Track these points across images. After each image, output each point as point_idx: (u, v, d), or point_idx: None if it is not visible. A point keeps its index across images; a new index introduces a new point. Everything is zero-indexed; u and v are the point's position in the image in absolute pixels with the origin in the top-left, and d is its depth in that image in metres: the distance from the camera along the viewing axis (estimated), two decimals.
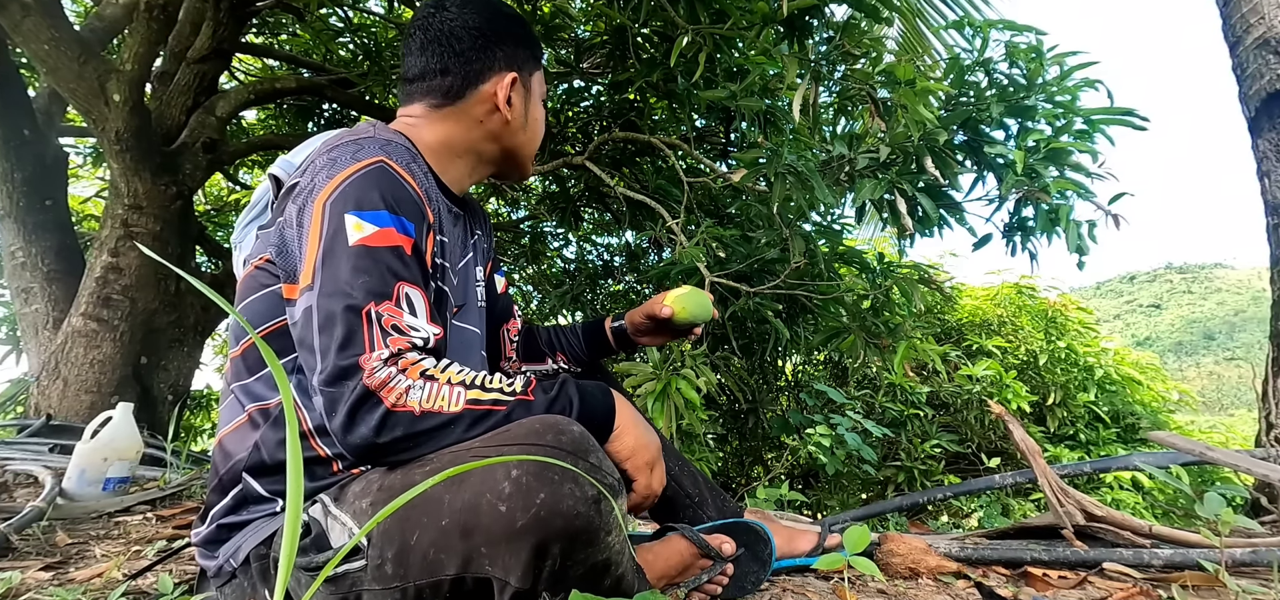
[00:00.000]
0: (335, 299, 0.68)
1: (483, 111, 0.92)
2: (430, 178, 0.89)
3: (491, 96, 0.92)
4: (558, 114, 2.98)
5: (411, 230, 0.75)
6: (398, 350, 0.68)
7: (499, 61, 0.92)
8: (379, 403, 0.66)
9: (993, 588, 1.03)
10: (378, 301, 0.69)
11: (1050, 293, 4.43)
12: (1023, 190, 1.84)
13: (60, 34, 2.14)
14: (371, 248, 0.71)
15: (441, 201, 0.89)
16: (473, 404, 0.69)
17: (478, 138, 0.93)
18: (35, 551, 1.13)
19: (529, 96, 0.97)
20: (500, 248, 4.18)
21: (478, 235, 1.05)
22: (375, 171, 0.75)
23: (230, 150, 2.97)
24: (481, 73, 0.91)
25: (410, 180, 0.78)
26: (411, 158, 0.85)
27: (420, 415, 0.67)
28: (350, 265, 0.69)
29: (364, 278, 0.69)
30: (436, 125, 0.92)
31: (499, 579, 0.61)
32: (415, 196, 0.77)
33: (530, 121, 0.98)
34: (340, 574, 0.66)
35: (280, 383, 0.37)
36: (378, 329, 0.68)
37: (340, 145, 0.79)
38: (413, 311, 0.71)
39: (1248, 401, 20.77)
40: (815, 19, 1.81)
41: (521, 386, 0.72)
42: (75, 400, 2.36)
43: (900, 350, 2.20)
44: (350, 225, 0.71)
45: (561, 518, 0.59)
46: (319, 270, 0.70)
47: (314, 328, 0.69)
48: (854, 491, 3.23)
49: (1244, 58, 1.86)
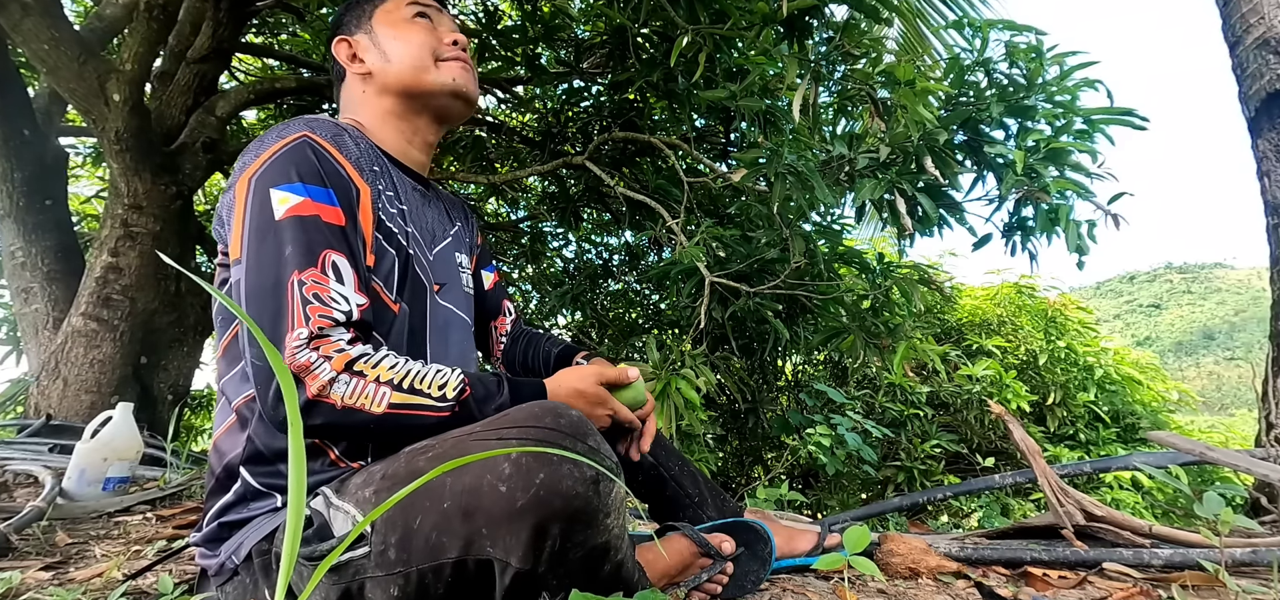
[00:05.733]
0: (262, 273, 0.71)
1: (356, 84, 0.98)
2: (370, 148, 0.91)
3: (346, 66, 0.98)
4: (558, 114, 2.98)
5: (335, 200, 0.77)
6: (319, 329, 0.69)
7: (339, 35, 0.99)
8: (302, 387, 0.67)
9: (993, 588, 1.03)
10: (301, 269, 0.71)
11: (1050, 292, 4.43)
12: (1023, 190, 1.84)
13: (60, 34, 2.14)
14: (296, 218, 0.73)
15: (392, 173, 0.92)
16: (394, 409, 0.70)
17: (372, 102, 0.97)
18: (35, 551, 1.13)
19: (375, 38, 0.97)
20: (500, 248, 4.18)
21: (459, 225, 1.06)
22: (297, 146, 0.78)
23: (230, 150, 2.97)
24: (334, 56, 0.99)
25: (334, 151, 0.80)
26: (340, 130, 0.86)
27: (341, 410, 0.69)
28: (275, 238, 0.72)
29: (288, 248, 0.71)
30: (351, 109, 0.98)
31: (500, 560, 0.62)
32: (338, 167, 0.80)
33: (391, 54, 0.95)
34: (343, 563, 0.66)
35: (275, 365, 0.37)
36: (299, 300, 0.69)
37: (271, 128, 0.83)
38: (339, 279, 0.73)
39: (1248, 401, 20.77)
40: (815, 19, 1.81)
41: (454, 394, 0.73)
42: (75, 400, 2.36)
43: (900, 350, 2.20)
44: (275, 199, 0.74)
45: (561, 497, 0.60)
46: (247, 245, 0.73)
47: (244, 304, 0.71)
48: (854, 491, 3.23)
49: (1244, 58, 1.86)
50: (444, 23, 1.01)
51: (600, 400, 0.86)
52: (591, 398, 0.85)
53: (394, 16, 0.97)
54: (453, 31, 1.00)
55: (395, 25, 0.97)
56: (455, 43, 0.98)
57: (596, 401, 0.86)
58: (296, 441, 0.36)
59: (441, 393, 0.73)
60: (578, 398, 0.84)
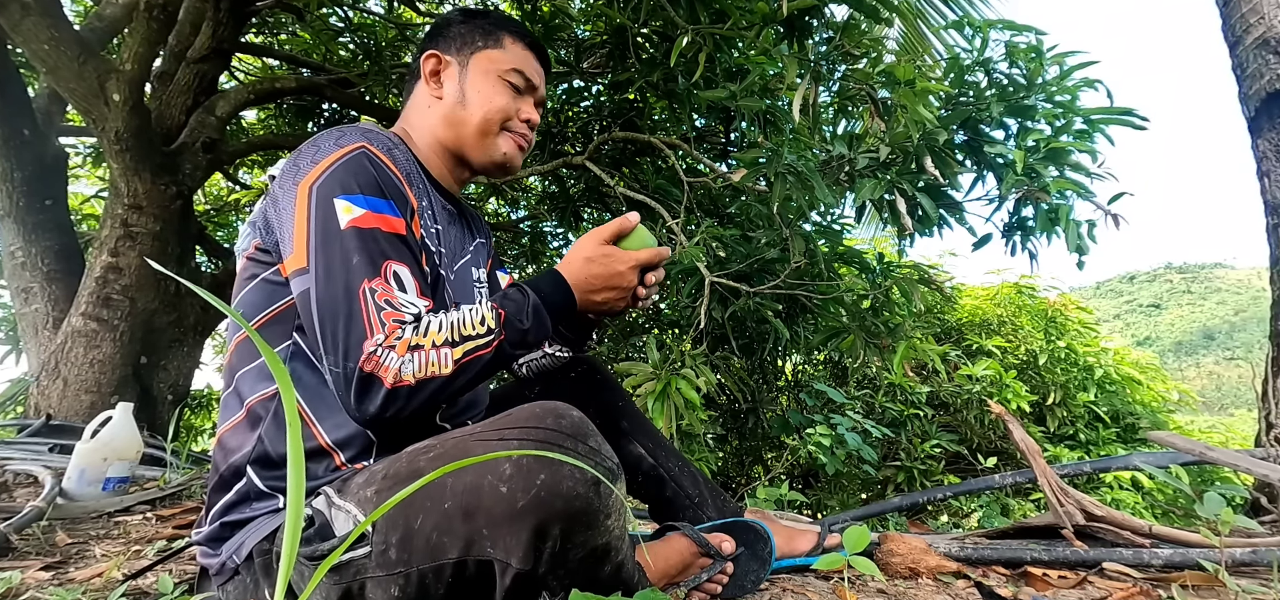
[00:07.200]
0: (334, 285, 0.72)
1: (424, 97, 0.97)
2: (415, 165, 0.92)
3: (425, 79, 0.97)
4: (558, 114, 2.98)
5: (396, 211, 0.78)
6: (394, 334, 0.72)
7: (435, 47, 0.97)
8: (379, 384, 0.70)
9: (993, 588, 1.03)
10: (370, 279, 0.73)
11: (1050, 292, 4.43)
12: (1023, 190, 1.84)
13: (60, 34, 2.14)
14: (361, 230, 0.75)
15: (431, 193, 0.93)
16: (459, 362, 0.74)
17: (431, 124, 0.96)
18: (35, 551, 1.13)
19: (465, 74, 0.96)
20: (500, 247, 4.18)
21: (478, 241, 1.07)
22: (359, 155, 0.79)
23: (230, 150, 2.98)
24: (421, 60, 0.97)
25: (390, 164, 0.82)
26: (392, 144, 0.88)
27: (417, 385, 0.71)
28: (341, 249, 0.73)
29: (356, 258, 0.73)
30: (407, 118, 0.99)
31: (500, 561, 0.62)
32: (396, 180, 0.81)
33: (469, 100, 0.95)
34: (344, 563, 0.66)
35: (277, 374, 0.37)
36: (373, 308, 0.72)
37: (324, 133, 0.83)
38: (402, 288, 0.75)
39: (1247, 401, 20.75)
40: (815, 19, 1.81)
41: (495, 320, 0.77)
42: (75, 400, 2.36)
43: (900, 350, 2.20)
44: (340, 209, 0.75)
45: (561, 498, 0.60)
46: (315, 255, 0.74)
47: (315, 316, 0.73)
48: (854, 491, 3.23)
49: (1244, 58, 1.86)
50: (530, 98, 1.00)
51: (608, 255, 0.85)
52: (600, 259, 0.85)
53: (491, 70, 0.96)
54: (532, 110, 1.00)
55: (488, 77, 0.95)
56: (528, 121, 0.99)
57: (608, 260, 0.85)
58: (295, 441, 0.36)
59: (486, 326, 0.76)
60: (588, 265, 0.85)
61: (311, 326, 0.74)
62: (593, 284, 0.85)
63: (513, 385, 1.17)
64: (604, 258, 0.85)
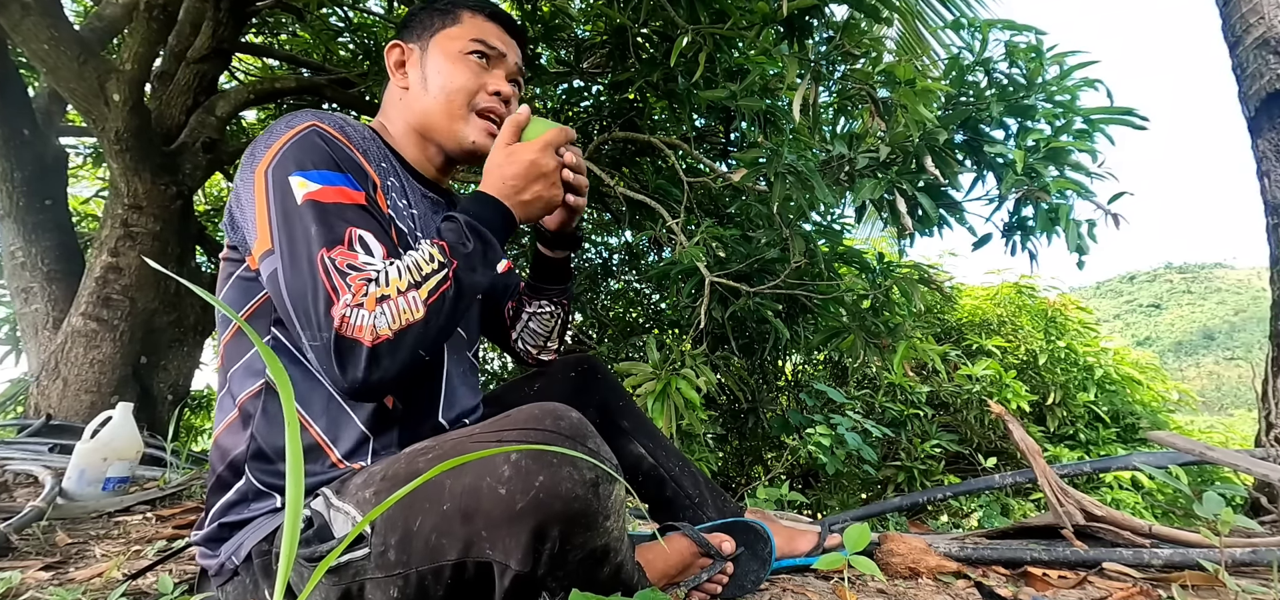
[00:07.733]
0: (298, 259, 0.71)
1: (394, 90, 0.97)
2: (381, 147, 0.92)
3: (392, 72, 0.97)
4: (558, 114, 2.98)
5: (354, 184, 0.78)
6: (356, 290, 0.71)
7: (398, 38, 0.98)
8: (360, 346, 0.68)
9: (993, 588, 1.03)
10: (330, 248, 0.71)
11: (1050, 292, 4.43)
12: (1023, 190, 1.84)
13: (60, 34, 2.14)
14: (318, 202, 0.74)
15: (402, 175, 0.93)
16: (426, 302, 0.72)
17: (401, 113, 0.97)
18: (35, 551, 1.13)
19: (426, 58, 0.94)
20: None
21: None
22: (309, 133, 0.79)
23: (230, 150, 2.97)
24: (387, 51, 0.98)
25: (342, 138, 0.82)
26: (344, 122, 0.87)
27: (396, 337, 0.69)
28: (302, 223, 0.72)
29: (314, 228, 0.72)
30: (383, 112, 0.99)
31: (499, 563, 0.62)
32: (349, 153, 0.81)
33: (430, 83, 0.93)
34: (343, 564, 0.66)
35: (268, 361, 0.37)
36: (336, 274, 0.70)
37: (277, 121, 0.83)
38: (368, 252, 0.74)
39: (1248, 401, 20.70)
40: (815, 19, 1.81)
41: (440, 254, 0.75)
42: (75, 400, 2.36)
43: (900, 350, 2.20)
44: (295, 185, 0.74)
45: (560, 500, 0.60)
46: (277, 234, 0.73)
47: (286, 294, 0.71)
48: (854, 491, 3.22)
49: (1244, 58, 1.86)
50: (498, 70, 0.96)
51: (513, 151, 0.84)
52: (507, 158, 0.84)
53: (450, 47, 0.94)
54: (501, 80, 0.96)
55: (448, 56, 0.94)
56: (498, 93, 0.95)
57: (515, 155, 0.84)
58: (294, 441, 0.36)
59: (436, 261, 0.74)
60: (500, 169, 0.84)
61: (285, 309, 0.72)
62: (515, 184, 0.83)
63: (512, 385, 1.17)
64: (510, 156, 0.84)
